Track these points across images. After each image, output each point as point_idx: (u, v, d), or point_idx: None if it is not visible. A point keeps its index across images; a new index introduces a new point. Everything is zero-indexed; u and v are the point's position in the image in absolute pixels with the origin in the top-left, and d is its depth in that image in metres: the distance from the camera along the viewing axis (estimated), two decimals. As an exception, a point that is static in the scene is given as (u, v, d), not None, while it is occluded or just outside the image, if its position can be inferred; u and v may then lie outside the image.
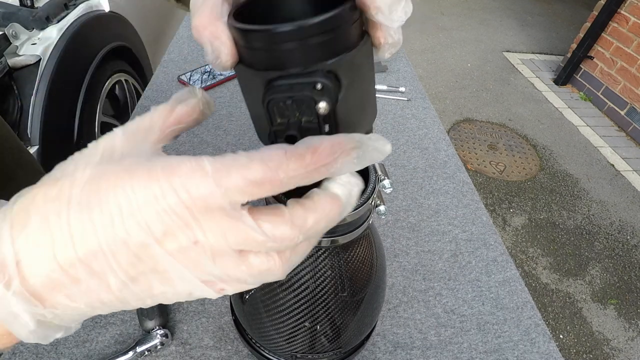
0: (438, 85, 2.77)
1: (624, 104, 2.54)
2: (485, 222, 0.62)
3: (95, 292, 0.17)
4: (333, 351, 0.38)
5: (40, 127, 1.04)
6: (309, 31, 0.18)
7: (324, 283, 0.31)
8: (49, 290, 0.16)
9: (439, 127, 0.81)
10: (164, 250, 0.16)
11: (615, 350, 1.45)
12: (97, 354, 0.42)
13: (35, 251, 0.16)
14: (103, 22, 1.30)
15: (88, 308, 0.17)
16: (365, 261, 0.33)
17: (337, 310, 0.33)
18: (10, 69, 1.02)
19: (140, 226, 0.16)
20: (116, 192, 0.16)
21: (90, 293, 0.17)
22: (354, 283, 0.33)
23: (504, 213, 1.90)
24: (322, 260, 0.30)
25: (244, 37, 0.19)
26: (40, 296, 0.16)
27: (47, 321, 0.17)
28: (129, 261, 0.16)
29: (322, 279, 0.31)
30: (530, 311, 0.50)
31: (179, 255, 0.17)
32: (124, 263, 0.16)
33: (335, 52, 0.19)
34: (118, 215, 0.16)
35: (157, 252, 0.16)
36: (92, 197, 0.16)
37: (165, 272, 0.17)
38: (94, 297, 0.17)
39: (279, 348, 0.37)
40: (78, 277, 0.16)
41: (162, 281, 0.17)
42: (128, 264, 0.16)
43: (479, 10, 4.02)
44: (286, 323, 0.33)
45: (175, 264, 0.17)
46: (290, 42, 0.18)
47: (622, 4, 2.51)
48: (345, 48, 0.19)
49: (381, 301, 0.40)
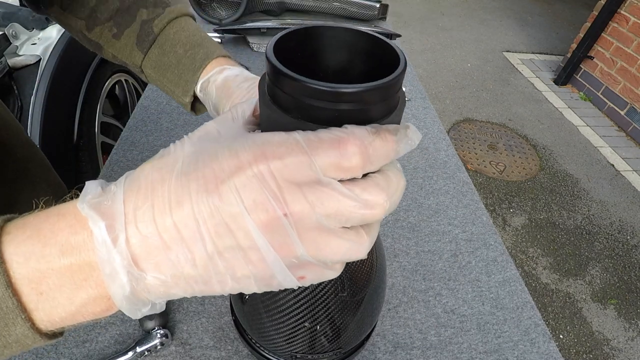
0: (438, 85, 2.77)
1: (624, 104, 2.54)
2: (485, 222, 0.62)
3: (182, 264, 0.17)
4: (333, 351, 0.38)
5: (40, 127, 1.04)
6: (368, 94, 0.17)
7: (323, 283, 0.31)
8: (144, 255, 0.17)
9: (439, 127, 0.81)
10: (253, 221, 0.16)
11: (615, 350, 1.45)
12: (97, 354, 0.42)
13: (139, 213, 0.17)
14: (103, 22, 1.30)
15: (173, 282, 0.18)
16: (365, 261, 0.33)
17: (337, 311, 0.33)
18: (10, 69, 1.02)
19: (232, 193, 0.16)
20: (212, 161, 0.17)
21: (178, 264, 0.17)
22: (354, 283, 0.33)
23: (504, 213, 1.90)
24: None
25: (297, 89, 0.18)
26: (136, 260, 0.17)
27: (138, 290, 0.18)
28: (218, 231, 0.17)
29: None
30: (530, 311, 0.50)
31: (267, 229, 0.17)
32: (212, 232, 0.17)
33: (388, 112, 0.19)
34: (212, 182, 0.17)
35: (247, 222, 0.16)
36: (191, 167, 0.17)
37: (250, 249, 0.17)
38: (179, 270, 0.17)
39: (278, 348, 0.37)
40: (169, 244, 0.17)
41: (247, 260, 0.17)
42: (216, 234, 0.17)
43: (479, 10, 4.02)
44: (286, 323, 0.33)
45: (262, 238, 0.17)
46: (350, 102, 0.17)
47: (622, 4, 2.51)
48: (392, 108, 0.20)
49: (381, 301, 0.40)
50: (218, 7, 1.04)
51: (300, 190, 0.16)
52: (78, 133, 1.18)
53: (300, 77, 0.17)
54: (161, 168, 0.18)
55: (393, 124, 0.19)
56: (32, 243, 0.17)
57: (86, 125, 1.22)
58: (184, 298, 0.46)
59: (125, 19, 0.42)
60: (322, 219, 0.17)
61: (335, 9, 1.09)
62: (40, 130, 1.04)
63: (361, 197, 0.17)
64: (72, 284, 0.17)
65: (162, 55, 0.42)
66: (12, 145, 0.57)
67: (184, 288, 0.18)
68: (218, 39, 0.98)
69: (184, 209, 0.17)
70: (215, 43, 0.43)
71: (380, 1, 1.10)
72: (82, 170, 1.18)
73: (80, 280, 0.17)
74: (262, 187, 0.16)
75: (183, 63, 0.41)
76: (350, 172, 0.17)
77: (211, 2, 1.03)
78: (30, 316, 0.18)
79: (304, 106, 0.18)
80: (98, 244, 0.17)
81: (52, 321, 0.18)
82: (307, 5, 1.08)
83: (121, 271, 0.17)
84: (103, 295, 0.18)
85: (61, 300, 0.18)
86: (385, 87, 0.18)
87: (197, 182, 0.17)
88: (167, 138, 0.69)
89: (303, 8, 1.09)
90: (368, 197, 0.17)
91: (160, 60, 0.42)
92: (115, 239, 0.17)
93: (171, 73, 0.42)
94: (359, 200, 0.17)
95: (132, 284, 0.17)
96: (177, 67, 0.42)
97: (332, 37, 0.22)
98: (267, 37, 0.99)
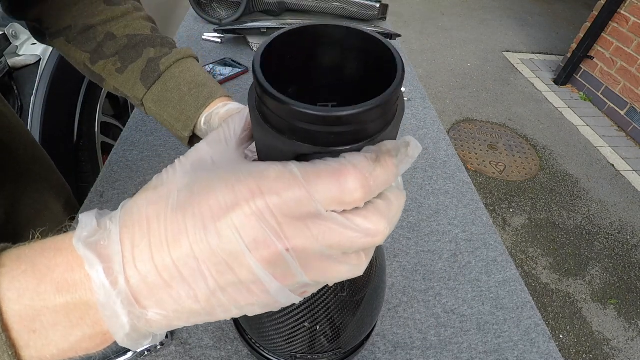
0: (438, 85, 2.77)
1: (624, 104, 2.54)
2: (485, 222, 0.62)
3: (184, 300, 0.17)
4: (333, 351, 0.38)
5: (40, 127, 1.04)
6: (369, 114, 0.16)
7: None
8: (144, 293, 0.17)
9: (439, 127, 0.81)
10: (255, 258, 0.16)
11: (615, 350, 1.45)
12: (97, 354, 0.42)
13: (137, 252, 0.17)
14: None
15: (175, 316, 0.17)
16: None
17: (336, 311, 0.33)
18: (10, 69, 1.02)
19: (230, 231, 0.16)
20: (208, 195, 0.17)
21: (180, 300, 0.17)
22: (354, 283, 0.33)
23: (504, 213, 1.90)
24: None
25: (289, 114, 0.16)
26: (137, 298, 0.17)
27: (139, 326, 0.17)
28: (219, 269, 0.16)
29: None
30: (530, 311, 0.50)
31: (269, 264, 0.16)
32: (213, 270, 0.16)
33: (386, 125, 0.18)
34: (209, 218, 0.16)
35: (249, 259, 0.16)
36: (187, 201, 0.17)
37: (253, 283, 0.17)
38: (181, 306, 0.17)
39: (278, 348, 0.37)
40: (169, 282, 0.17)
41: (250, 293, 0.17)
42: (217, 272, 0.16)
43: (479, 10, 4.02)
44: (286, 323, 0.33)
45: (265, 273, 0.16)
46: (346, 125, 0.16)
47: (622, 4, 2.51)
48: (390, 120, 0.19)
49: (381, 301, 0.40)
50: (218, 7, 1.04)
51: (301, 223, 0.16)
52: (78, 133, 1.18)
53: (291, 102, 0.16)
54: (156, 202, 0.18)
55: (392, 134, 0.19)
56: (26, 279, 0.17)
57: (86, 125, 1.22)
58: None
59: (130, 55, 0.44)
60: (324, 249, 0.17)
61: (335, 9, 1.09)
62: (40, 130, 1.04)
63: (363, 227, 0.17)
64: (68, 322, 0.17)
65: (165, 92, 0.43)
66: (16, 146, 0.57)
67: (187, 320, 0.18)
68: (218, 39, 0.98)
69: (182, 247, 0.16)
70: (217, 84, 0.45)
71: (380, 1, 1.10)
72: (82, 170, 1.18)
73: (77, 319, 0.17)
74: (261, 224, 0.16)
75: (186, 100, 0.43)
76: (351, 205, 0.17)
77: (211, 2, 1.03)
78: (19, 353, 0.17)
79: (296, 129, 0.17)
80: (96, 287, 0.16)
81: (42, 358, 0.18)
82: (307, 5, 1.08)
83: (122, 312, 0.17)
84: (100, 333, 0.18)
85: (54, 338, 0.17)
86: (383, 104, 0.17)
87: (193, 219, 0.16)
88: (167, 138, 0.69)
89: (303, 8, 1.09)
90: (369, 226, 0.17)
91: (162, 96, 0.44)
92: (115, 281, 0.17)
93: (173, 108, 0.43)
94: (361, 231, 0.17)
95: (133, 322, 0.17)
96: (179, 103, 0.43)
97: (326, 35, 0.21)
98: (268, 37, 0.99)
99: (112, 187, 0.60)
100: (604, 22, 2.59)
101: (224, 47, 0.97)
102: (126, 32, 0.44)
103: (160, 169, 0.19)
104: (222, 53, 0.95)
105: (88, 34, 0.44)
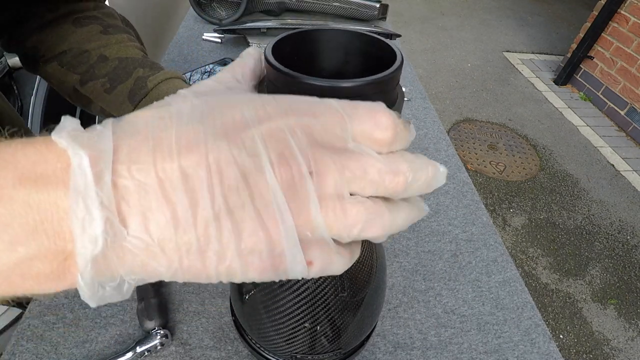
0: (438, 85, 2.77)
1: (624, 104, 2.54)
2: (486, 222, 0.62)
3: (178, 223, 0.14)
4: (333, 352, 0.38)
5: (40, 127, 1.04)
6: (367, 89, 0.18)
7: (324, 284, 0.31)
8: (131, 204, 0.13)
9: (439, 127, 0.81)
10: (275, 177, 0.14)
11: (615, 350, 1.45)
12: (97, 354, 0.42)
13: (134, 155, 0.14)
14: (103, 22, 1.30)
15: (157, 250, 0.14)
16: (365, 261, 0.33)
17: (337, 311, 0.33)
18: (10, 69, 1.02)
19: (257, 142, 0.14)
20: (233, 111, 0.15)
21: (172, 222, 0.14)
22: (354, 283, 0.33)
23: (504, 213, 1.90)
24: None
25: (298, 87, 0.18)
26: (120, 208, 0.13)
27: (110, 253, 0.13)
28: (232, 184, 0.14)
29: (322, 279, 0.31)
30: (531, 311, 0.50)
31: (288, 188, 0.15)
32: (226, 185, 0.14)
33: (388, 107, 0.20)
34: (233, 128, 0.14)
35: (268, 176, 0.14)
36: (205, 114, 0.15)
37: (265, 210, 0.15)
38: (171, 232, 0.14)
39: (279, 349, 0.37)
40: (169, 194, 0.14)
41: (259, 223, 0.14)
42: (229, 188, 0.14)
43: (479, 10, 4.02)
44: (286, 324, 0.33)
45: (282, 197, 0.14)
46: (349, 97, 0.17)
47: (622, 4, 2.51)
48: (392, 104, 0.20)
49: (381, 301, 0.40)
50: (218, 7, 1.04)
51: (330, 151, 0.15)
52: (78, 133, 1.18)
53: (299, 75, 0.18)
54: (163, 117, 0.15)
55: None
56: None
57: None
58: (184, 298, 0.46)
59: (120, 77, 0.45)
60: (345, 185, 0.15)
61: (335, 9, 1.09)
62: (40, 130, 1.04)
63: (388, 162, 0.16)
64: (24, 225, 0.13)
65: None
66: None
67: (169, 260, 0.14)
68: (218, 39, 0.98)
69: (196, 154, 0.14)
70: None
71: (380, 1, 1.10)
72: (82, 170, 1.18)
73: (35, 222, 0.13)
74: (292, 140, 0.15)
75: None
76: (379, 144, 0.16)
77: (211, 2, 1.03)
78: None
79: None
80: (74, 174, 0.13)
81: None
82: (307, 5, 1.08)
83: (97, 217, 0.13)
84: (60, 251, 0.13)
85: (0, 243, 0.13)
86: (384, 81, 0.18)
87: (214, 128, 0.14)
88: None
89: (303, 8, 1.09)
90: (394, 165, 0.16)
91: None
92: (99, 174, 0.13)
93: None
94: (386, 163, 0.16)
95: (106, 239, 0.13)
96: None
97: (327, 40, 0.22)
98: (267, 37, 0.99)
99: (112, 187, 0.60)
100: (604, 22, 2.59)
101: (224, 47, 0.97)
102: (118, 55, 0.46)
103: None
104: (222, 53, 0.95)
105: (82, 57, 0.45)
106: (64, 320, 0.44)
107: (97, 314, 0.45)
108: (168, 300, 0.47)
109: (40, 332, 0.43)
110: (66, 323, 0.44)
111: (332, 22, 1.05)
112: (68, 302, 0.45)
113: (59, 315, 0.44)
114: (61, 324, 0.43)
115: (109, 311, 0.45)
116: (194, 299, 0.47)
